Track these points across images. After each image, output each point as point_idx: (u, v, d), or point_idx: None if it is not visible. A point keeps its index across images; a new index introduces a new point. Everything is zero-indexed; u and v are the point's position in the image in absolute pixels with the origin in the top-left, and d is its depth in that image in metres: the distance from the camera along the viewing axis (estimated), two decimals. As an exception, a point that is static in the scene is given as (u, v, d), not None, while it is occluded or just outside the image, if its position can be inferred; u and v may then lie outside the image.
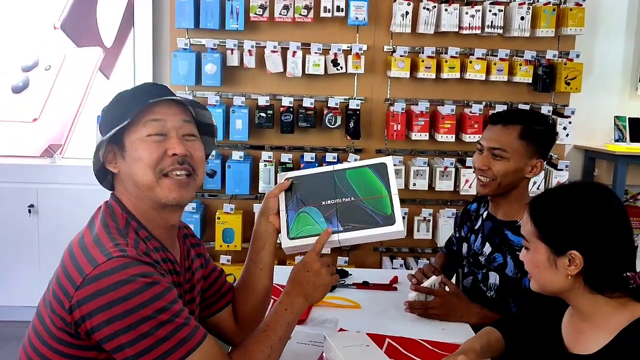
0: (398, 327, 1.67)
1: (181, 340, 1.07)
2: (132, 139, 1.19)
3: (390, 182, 1.36)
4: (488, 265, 1.88)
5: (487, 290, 1.88)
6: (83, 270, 1.07)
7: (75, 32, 3.58)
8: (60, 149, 3.61)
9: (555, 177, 3.35)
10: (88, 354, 1.10)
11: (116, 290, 1.04)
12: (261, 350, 1.20)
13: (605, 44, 3.61)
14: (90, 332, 1.06)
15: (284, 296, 1.29)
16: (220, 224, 3.30)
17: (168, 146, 1.19)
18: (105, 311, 1.04)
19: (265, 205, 1.41)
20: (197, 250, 1.40)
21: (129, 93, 1.25)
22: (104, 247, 1.10)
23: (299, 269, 1.30)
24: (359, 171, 1.39)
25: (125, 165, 1.21)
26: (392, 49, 3.33)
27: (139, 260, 1.08)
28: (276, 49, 3.23)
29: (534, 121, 1.86)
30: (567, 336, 1.33)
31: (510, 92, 3.42)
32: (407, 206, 3.39)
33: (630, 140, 3.50)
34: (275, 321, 1.25)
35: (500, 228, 1.87)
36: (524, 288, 1.78)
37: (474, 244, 1.98)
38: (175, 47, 3.30)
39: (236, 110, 3.26)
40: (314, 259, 1.29)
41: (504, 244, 1.85)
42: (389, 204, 1.33)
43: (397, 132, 3.29)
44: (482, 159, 1.86)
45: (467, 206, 2.15)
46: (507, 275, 1.82)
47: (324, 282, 1.29)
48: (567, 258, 1.22)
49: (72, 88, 3.61)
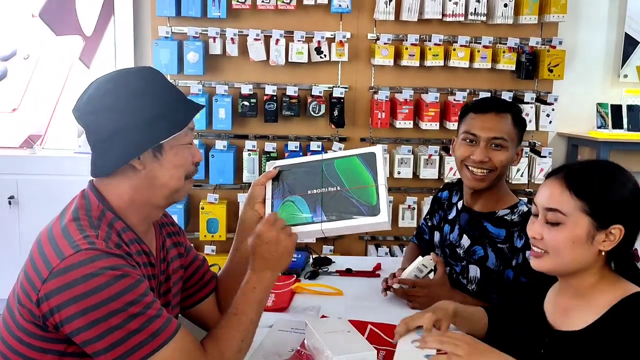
0: (380, 314, 1.67)
1: (153, 333, 1.05)
2: (173, 144, 1.19)
3: (378, 172, 1.33)
4: (468, 258, 1.85)
5: (467, 283, 1.85)
6: (50, 262, 1.05)
7: (54, 20, 3.52)
8: (40, 139, 3.56)
9: (539, 165, 3.37)
10: (57, 346, 1.08)
11: (84, 283, 1.02)
12: (232, 336, 1.18)
13: (588, 31, 3.62)
14: (59, 325, 1.04)
15: (250, 274, 1.25)
16: (204, 214, 3.28)
17: (194, 153, 1.25)
18: (73, 304, 1.02)
19: (251, 193, 1.39)
20: (174, 240, 1.38)
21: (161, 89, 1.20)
22: (72, 239, 1.07)
23: (256, 244, 1.24)
24: (347, 160, 1.37)
25: (157, 167, 1.18)
26: (376, 37, 3.32)
27: (107, 253, 1.06)
28: (259, 37, 3.20)
29: (516, 108, 1.83)
30: (551, 314, 1.33)
31: (494, 80, 3.43)
32: (392, 194, 3.39)
33: (612, 127, 3.52)
34: (244, 303, 1.22)
35: (479, 220, 1.83)
36: (507, 280, 1.76)
37: (449, 235, 1.93)
38: (156, 35, 3.26)
39: (219, 99, 3.23)
40: (267, 229, 1.24)
41: (484, 237, 1.81)
42: (375, 194, 1.30)
43: (382, 120, 3.28)
44: (481, 150, 1.74)
45: (437, 194, 2.10)
46: (489, 268, 1.79)
47: (286, 248, 1.24)
48: (604, 233, 1.20)
49: (51, 78, 3.55)
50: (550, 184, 1.26)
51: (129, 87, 1.16)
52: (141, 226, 1.22)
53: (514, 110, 1.80)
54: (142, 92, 1.16)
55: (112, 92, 1.15)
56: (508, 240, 1.77)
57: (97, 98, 1.16)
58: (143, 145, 1.15)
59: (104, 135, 1.15)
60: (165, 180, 1.19)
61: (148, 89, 1.18)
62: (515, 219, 1.78)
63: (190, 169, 1.24)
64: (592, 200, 1.21)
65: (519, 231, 1.75)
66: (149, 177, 1.18)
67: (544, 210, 1.25)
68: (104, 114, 1.14)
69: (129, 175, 1.18)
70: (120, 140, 1.14)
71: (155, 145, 1.16)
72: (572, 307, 1.28)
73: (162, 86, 1.21)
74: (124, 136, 1.13)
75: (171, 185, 1.21)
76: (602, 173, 1.24)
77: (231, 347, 1.17)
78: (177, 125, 1.19)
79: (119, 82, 1.17)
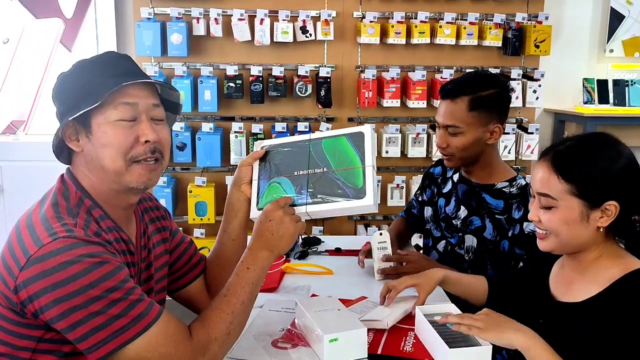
0: (370, 292, 1.67)
1: (135, 318, 1.04)
2: (100, 121, 1.13)
3: (366, 152, 1.30)
4: (464, 228, 1.88)
5: (465, 253, 1.88)
6: (27, 250, 1.04)
7: (33, 3, 3.44)
8: (23, 125, 3.50)
9: (526, 141, 3.38)
10: (35, 332, 1.07)
11: (62, 271, 1.00)
12: (221, 318, 1.15)
13: (573, 6, 3.61)
14: (37, 312, 1.03)
15: (247, 253, 1.23)
16: (192, 197, 3.26)
17: (140, 132, 1.15)
18: (52, 292, 1.01)
19: (237, 174, 1.37)
20: (157, 225, 1.35)
21: (95, 65, 1.17)
22: (50, 226, 1.06)
23: (261, 220, 1.24)
24: (335, 140, 1.34)
25: (90, 147, 1.15)
26: (362, 15, 3.29)
27: (86, 241, 1.04)
28: (243, 17, 3.15)
29: (481, 88, 1.78)
30: (555, 286, 1.35)
31: (481, 57, 3.41)
32: (380, 174, 3.39)
33: (598, 102, 3.53)
34: (237, 284, 1.19)
35: (477, 191, 1.87)
36: (502, 251, 1.80)
37: (444, 208, 1.97)
38: (139, 16, 3.20)
39: (204, 80, 3.19)
40: (274, 207, 1.24)
41: (482, 207, 1.85)
42: (362, 176, 1.27)
43: (369, 99, 3.27)
44: (440, 136, 1.83)
45: (429, 169, 2.13)
46: (486, 238, 1.83)
47: (288, 230, 1.22)
48: (599, 210, 1.21)
49: (33, 62, 3.49)
50: (539, 167, 1.27)
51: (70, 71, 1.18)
52: (118, 213, 1.20)
53: (473, 92, 1.77)
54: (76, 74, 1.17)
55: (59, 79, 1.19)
56: (506, 211, 1.80)
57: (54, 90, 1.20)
58: (63, 122, 1.14)
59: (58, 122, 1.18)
60: (98, 161, 1.15)
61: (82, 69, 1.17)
62: (514, 191, 1.82)
63: (127, 147, 1.14)
64: (580, 182, 1.20)
65: (517, 203, 1.79)
66: (90, 158, 1.16)
67: (538, 195, 1.26)
68: (55, 101, 1.19)
69: (80, 158, 1.18)
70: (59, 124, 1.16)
71: (82, 122, 1.14)
72: (575, 280, 1.29)
73: (96, 64, 1.17)
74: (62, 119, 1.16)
75: (106, 165, 1.14)
76: (589, 151, 1.23)
77: (219, 329, 1.14)
78: (93, 98, 1.11)
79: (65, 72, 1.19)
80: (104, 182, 1.17)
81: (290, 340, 1.36)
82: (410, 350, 1.31)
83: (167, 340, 1.08)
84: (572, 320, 1.24)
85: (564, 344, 1.21)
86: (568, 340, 1.22)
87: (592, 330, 1.18)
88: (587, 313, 1.21)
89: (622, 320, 1.14)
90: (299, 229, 1.25)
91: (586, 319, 1.21)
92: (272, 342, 1.36)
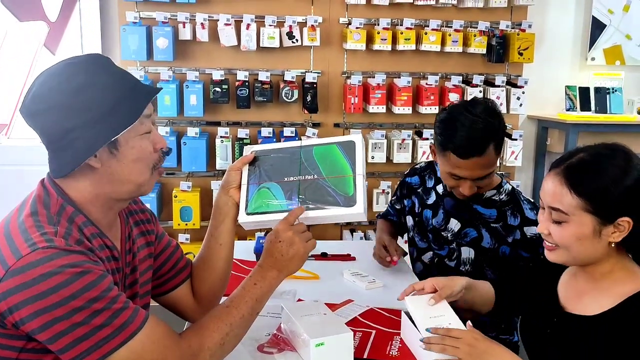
0: (356, 296, 1.68)
1: (120, 326, 1.03)
2: (128, 137, 1.11)
3: (357, 161, 1.31)
4: (458, 240, 1.87)
5: (461, 265, 1.87)
6: (6, 261, 1.01)
7: (17, 5, 3.40)
8: (5, 129, 3.46)
9: (510, 147, 3.41)
10: (16, 342, 1.05)
11: (43, 282, 0.98)
12: (218, 328, 1.14)
13: (556, 14, 3.66)
14: (18, 323, 1.01)
15: (257, 269, 1.23)
16: (177, 202, 3.24)
17: (155, 140, 1.17)
18: (32, 303, 0.98)
19: (226, 178, 1.36)
20: (142, 229, 1.34)
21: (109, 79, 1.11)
22: (29, 236, 1.03)
23: (270, 240, 1.22)
24: (327, 148, 1.35)
25: (115, 163, 1.12)
26: (348, 21, 3.30)
27: (67, 250, 1.02)
28: (229, 22, 3.15)
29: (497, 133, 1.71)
30: (565, 296, 1.32)
31: (465, 63, 3.45)
32: (366, 179, 3.39)
33: (580, 109, 3.58)
34: (241, 297, 1.18)
35: (467, 203, 1.85)
36: (502, 255, 1.81)
37: (431, 220, 1.94)
38: (124, 20, 3.18)
39: (190, 85, 3.18)
40: (285, 228, 1.22)
41: (476, 219, 1.84)
42: (352, 184, 1.29)
43: (355, 105, 3.28)
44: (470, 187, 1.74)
45: (404, 178, 2.09)
46: (484, 248, 1.83)
47: (298, 251, 1.21)
48: (612, 226, 1.18)
49: (16, 65, 3.45)
50: (551, 179, 1.23)
51: (73, 82, 1.08)
52: (104, 219, 1.18)
53: (495, 138, 1.70)
54: (88, 86, 1.08)
55: (56, 89, 1.08)
56: (501, 219, 1.81)
57: (42, 96, 1.08)
58: (96, 144, 1.08)
59: (55, 136, 1.09)
60: (125, 176, 1.14)
61: (94, 81, 1.09)
62: (504, 198, 1.83)
63: (152, 159, 1.17)
64: (593, 198, 1.17)
65: (511, 209, 1.79)
66: (107, 173, 1.13)
67: (548, 208, 1.23)
68: (51, 113, 1.07)
69: (87, 173, 1.13)
70: (72, 140, 1.07)
71: (110, 141, 1.10)
72: (587, 292, 1.26)
73: (109, 75, 1.12)
74: (75, 136, 1.07)
75: (133, 180, 1.15)
76: (604, 165, 1.18)
77: (213, 338, 1.13)
78: (129, 116, 1.10)
79: (62, 77, 1.09)
80: (113, 194, 1.15)
81: (276, 345, 1.36)
82: (396, 355, 1.32)
83: (154, 347, 1.07)
84: (582, 333, 1.22)
85: (572, 356, 1.20)
86: (576, 353, 1.21)
87: (603, 345, 1.16)
88: (599, 328, 1.19)
89: (635, 337, 1.12)
90: (310, 249, 1.24)
91: (597, 333, 1.18)
92: (258, 347, 1.35)
